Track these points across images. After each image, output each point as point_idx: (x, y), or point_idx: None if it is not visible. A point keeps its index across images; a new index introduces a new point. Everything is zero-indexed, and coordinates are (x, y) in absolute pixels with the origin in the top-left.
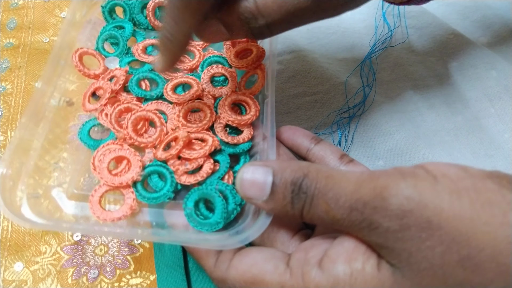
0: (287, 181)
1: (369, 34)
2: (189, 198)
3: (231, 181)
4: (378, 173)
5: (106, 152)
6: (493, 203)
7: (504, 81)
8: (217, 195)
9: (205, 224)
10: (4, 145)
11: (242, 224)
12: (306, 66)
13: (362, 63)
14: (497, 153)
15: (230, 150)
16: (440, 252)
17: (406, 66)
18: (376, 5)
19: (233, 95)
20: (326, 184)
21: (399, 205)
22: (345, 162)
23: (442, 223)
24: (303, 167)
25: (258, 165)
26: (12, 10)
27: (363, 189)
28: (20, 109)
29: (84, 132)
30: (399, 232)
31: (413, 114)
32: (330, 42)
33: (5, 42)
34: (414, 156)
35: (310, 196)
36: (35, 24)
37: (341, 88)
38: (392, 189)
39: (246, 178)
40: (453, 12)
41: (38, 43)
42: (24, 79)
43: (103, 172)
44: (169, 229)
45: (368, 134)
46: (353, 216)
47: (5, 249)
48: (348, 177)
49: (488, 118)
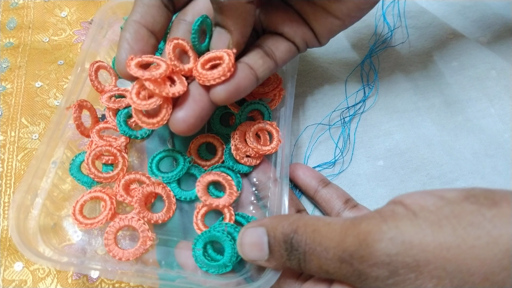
0: (280, 240)
1: (369, 34)
2: (199, 240)
3: (233, 219)
4: (360, 219)
5: (116, 222)
6: (475, 224)
7: (504, 81)
8: (227, 239)
9: (213, 266)
10: (4, 145)
11: (250, 270)
12: (306, 66)
13: (362, 63)
14: (497, 153)
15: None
16: (433, 287)
17: (406, 66)
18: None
19: (260, 123)
20: (314, 239)
21: (384, 249)
22: (349, 207)
23: (429, 258)
24: (292, 223)
25: (254, 226)
26: (12, 10)
27: (348, 238)
28: (20, 109)
29: (75, 168)
30: (389, 279)
31: (413, 114)
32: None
33: (5, 41)
34: (414, 156)
35: (303, 253)
36: (35, 24)
37: (341, 88)
38: (375, 234)
39: (245, 243)
40: (453, 12)
41: (38, 42)
42: (24, 78)
43: (112, 246)
44: (179, 271)
45: (368, 134)
46: (344, 269)
47: (5, 249)
48: (333, 227)
49: (488, 118)
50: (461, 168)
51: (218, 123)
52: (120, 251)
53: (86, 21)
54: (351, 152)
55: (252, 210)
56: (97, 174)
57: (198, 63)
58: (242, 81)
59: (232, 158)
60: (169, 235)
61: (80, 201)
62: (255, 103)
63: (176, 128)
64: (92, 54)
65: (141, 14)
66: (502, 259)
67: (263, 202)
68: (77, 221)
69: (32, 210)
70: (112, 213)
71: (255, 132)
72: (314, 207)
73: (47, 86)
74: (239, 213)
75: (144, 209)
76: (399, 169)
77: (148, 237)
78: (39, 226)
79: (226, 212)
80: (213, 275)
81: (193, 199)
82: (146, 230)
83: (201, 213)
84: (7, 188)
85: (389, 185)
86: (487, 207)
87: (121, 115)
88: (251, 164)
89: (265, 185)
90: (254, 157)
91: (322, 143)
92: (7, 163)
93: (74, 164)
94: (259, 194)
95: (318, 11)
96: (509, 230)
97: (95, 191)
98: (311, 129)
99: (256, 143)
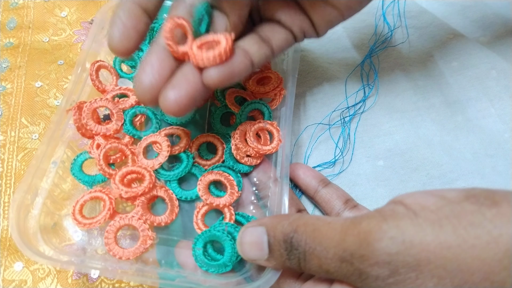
0: (280, 239)
1: (369, 34)
2: (199, 239)
3: (233, 219)
4: (360, 218)
5: (116, 221)
6: (475, 224)
7: (504, 81)
8: (227, 238)
9: (213, 266)
10: (4, 145)
11: (250, 269)
12: (306, 66)
13: (362, 63)
14: (497, 153)
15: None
16: (433, 286)
17: (406, 66)
18: (376, 5)
19: (260, 123)
20: (314, 238)
21: (385, 248)
22: (350, 207)
23: (430, 257)
24: (292, 223)
25: (254, 225)
26: (12, 10)
27: (348, 237)
28: (20, 109)
29: (76, 167)
30: (389, 278)
31: (413, 114)
32: (330, 42)
33: (5, 41)
34: (414, 156)
35: (303, 252)
36: (35, 24)
37: (341, 88)
38: (375, 233)
39: (245, 242)
40: (453, 12)
41: (38, 42)
42: (24, 78)
43: (112, 245)
44: (178, 270)
45: (368, 134)
46: (344, 268)
47: (5, 249)
48: (333, 226)
49: (488, 118)
50: (461, 168)
51: (218, 123)
52: (120, 250)
53: (86, 21)
54: (351, 152)
55: (252, 210)
56: (108, 171)
57: (194, 45)
58: (236, 65)
59: (233, 158)
60: (169, 234)
61: (80, 201)
62: (256, 102)
63: (167, 108)
64: (92, 54)
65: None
66: (502, 259)
67: (263, 201)
68: (76, 221)
69: (32, 209)
70: (111, 213)
71: (255, 131)
72: (314, 207)
73: (47, 86)
74: (239, 213)
75: (147, 212)
76: (399, 169)
77: (149, 236)
78: (40, 225)
79: (227, 212)
80: (213, 275)
81: (194, 198)
82: (146, 229)
83: (201, 212)
84: (7, 188)
85: (389, 185)
86: (487, 207)
87: (127, 114)
88: (252, 163)
89: (265, 184)
90: (254, 156)
91: (322, 143)
92: (7, 163)
93: (75, 164)
94: (259, 193)
95: (316, 0)
96: (509, 230)
97: (95, 191)
98: (311, 129)
99: (257, 143)
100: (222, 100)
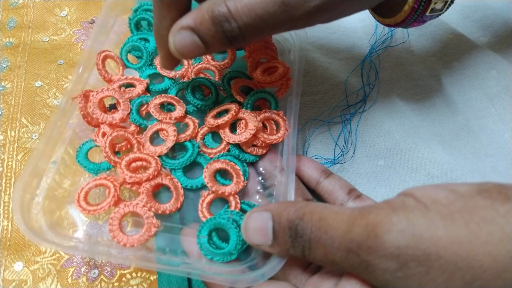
0: (285, 226)
1: (369, 33)
2: (204, 227)
3: (239, 207)
4: (368, 209)
5: (121, 208)
6: (488, 220)
7: (504, 81)
8: (232, 226)
9: (218, 254)
10: (4, 145)
11: (255, 258)
12: (306, 66)
13: (362, 63)
14: (497, 153)
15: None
16: (443, 282)
17: (406, 66)
18: None
19: (266, 112)
20: (320, 227)
21: (394, 241)
22: (353, 197)
23: (440, 252)
24: (298, 210)
25: (260, 210)
26: (12, 9)
27: (356, 228)
28: (20, 109)
29: (81, 155)
30: (398, 271)
31: (413, 114)
32: (330, 42)
33: (5, 41)
34: (414, 156)
35: (308, 240)
36: (35, 23)
37: (341, 87)
38: (384, 225)
39: (250, 227)
40: (453, 12)
41: (38, 42)
42: (24, 78)
43: (116, 231)
44: (183, 258)
45: (368, 134)
46: (351, 259)
47: (5, 249)
48: (340, 216)
49: (488, 118)
50: (461, 167)
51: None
52: (124, 237)
53: (86, 20)
54: (351, 152)
55: (258, 199)
56: (113, 159)
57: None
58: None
59: (239, 147)
60: (173, 222)
61: (85, 188)
62: (262, 92)
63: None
64: (93, 54)
65: None
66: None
67: (269, 190)
68: (80, 207)
69: (37, 198)
70: (116, 200)
71: (261, 121)
72: (317, 201)
73: (47, 85)
74: (245, 202)
75: (152, 200)
76: (399, 169)
77: (153, 224)
78: (44, 212)
79: (232, 200)
80: (218, 263)
81: (199, 187)
82: (151, 216)
83: (206, 201)
84: (7, 187)
85: (389, 184)
86: (500, 202)
87: (134, 103)
88: (258, 153)
89: (271, 174)
90: (260, 146)
91: (322, 143)
92: (7, 163)
93: (81, 152)
94: (265, 183)
95: None
96: None
97: (100, 178)
98: (311, 128)
99: (263, 133)
100: (228, 89)
